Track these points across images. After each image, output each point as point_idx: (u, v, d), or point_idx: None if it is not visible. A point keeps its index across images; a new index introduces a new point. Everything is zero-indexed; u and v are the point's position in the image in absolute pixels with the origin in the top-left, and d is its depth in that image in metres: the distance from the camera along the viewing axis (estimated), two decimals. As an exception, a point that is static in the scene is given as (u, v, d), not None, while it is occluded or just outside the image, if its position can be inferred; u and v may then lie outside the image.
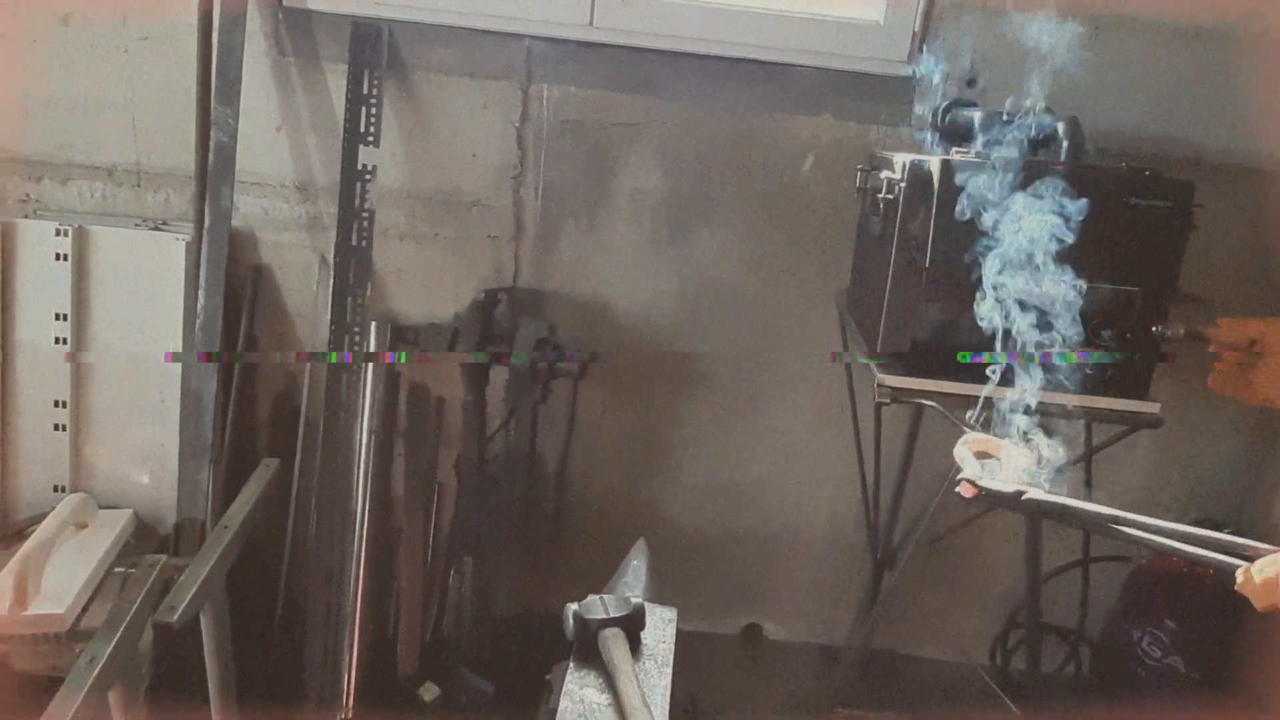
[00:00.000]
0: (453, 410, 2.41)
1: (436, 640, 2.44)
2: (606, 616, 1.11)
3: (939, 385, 1.60)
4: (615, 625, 1.10)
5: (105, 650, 1.20)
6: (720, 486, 2.49)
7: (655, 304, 2.32)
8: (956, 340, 1.62)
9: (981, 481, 1.08)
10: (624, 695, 0.99)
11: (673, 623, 1.20)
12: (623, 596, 1.14)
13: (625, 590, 1.23)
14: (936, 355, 1.62)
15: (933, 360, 1.62)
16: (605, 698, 1.03)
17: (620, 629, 1.10)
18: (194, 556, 1.42)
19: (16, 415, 2.18)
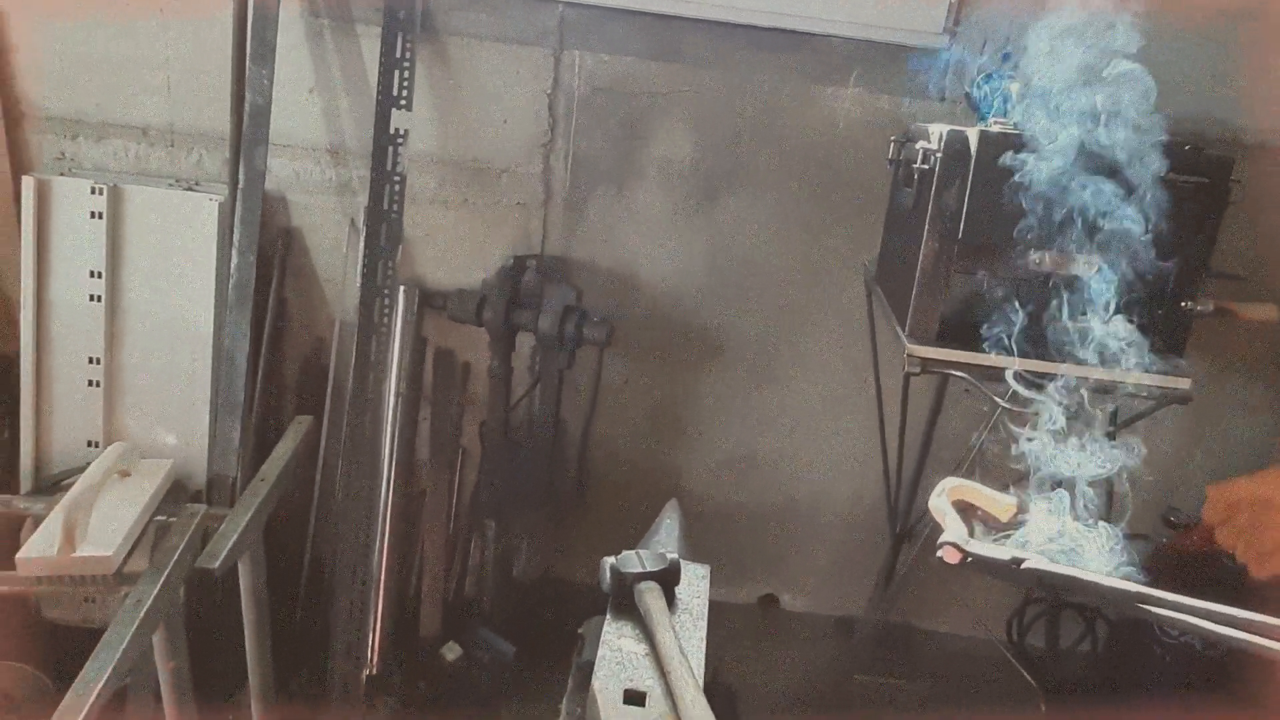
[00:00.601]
0: (478, 376, 2.43)
1: (458, 601, 2.49)
2: (643, 570, 1.12)
3: (970, 356, 1.60)
4: (651, 579, 1.12)
5: (150, 593, 1.23)
6: (741, 457, 2.51)
7: (682, 273, 2.33)
8: (989, 312, 1.62)
9: (969, 546, 0.91)
10: (661, 645, 1.01)
11: (706, 579, 1.22)
12: (658, 552, 1.16)
13: (658, 548, 1.25)
14: (968, 326, 1.63)
15: (964, 331, 1.63)
16: (642, 648, 1.05)
17: (656, 583, 1.12)
18: (232, 507, 1.45)
19: (51, 371, 2.22)
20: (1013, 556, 0.89)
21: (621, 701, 0.96)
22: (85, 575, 1.23)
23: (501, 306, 2.23)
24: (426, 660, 2.31)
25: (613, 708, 0.95)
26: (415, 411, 2.39)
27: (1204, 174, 1.57)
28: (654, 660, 1.03)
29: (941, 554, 0.92)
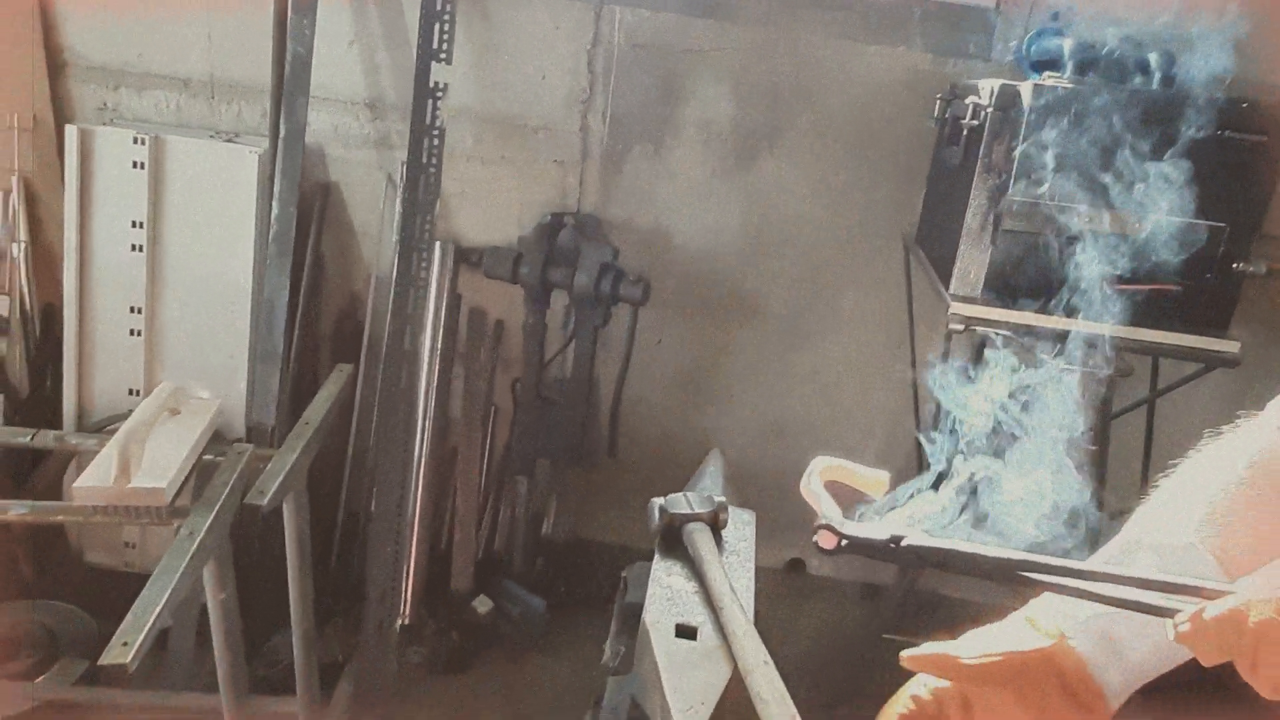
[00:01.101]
0: (511, 334, 2.44)
1: (488, 557, 2.51)
2: (691, 511, 1.13)
3: (1014, 315, 1.59)
4: (700, 520, 1.13)
5: (203, 526, 1.25)
6: (772, 419, 2.51)
7: (718, 233, 2.32)
8: (1035, 270, 1.60)
9: (846, 529, 0.86)
10: (712, 583, 1.02)
11: (751, 524, 1.23)
12: (705, 494, 1.17)
13: (703, 493, 1.26)
14: (1013, 285, 1.61)
15: (1009, 290, 1.61)
16: (691, 585, 1.06)
17: (704, 524, 1.13)
18: (278, 449, 1.47)
19: (94, 320, 2.24)
20: (890, 535, 0.84)
21: (674, 635, 0.97)
22: (138, 507, 1.26)
23: (538, 263, 2.23)
24: (458, 612, 2.34)
25: (665, 641, 0.96)
26: (449, 368, 2.40)
27: (1261, 131, 1.54)
28: (704, 598, 1.04)
29: (816, 539, 0.85)
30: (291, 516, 1.51)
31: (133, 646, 1.06)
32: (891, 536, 0.84)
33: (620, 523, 2.60)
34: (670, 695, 0.90)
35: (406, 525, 2.20)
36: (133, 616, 1.09)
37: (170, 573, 1.17)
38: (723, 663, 0.94)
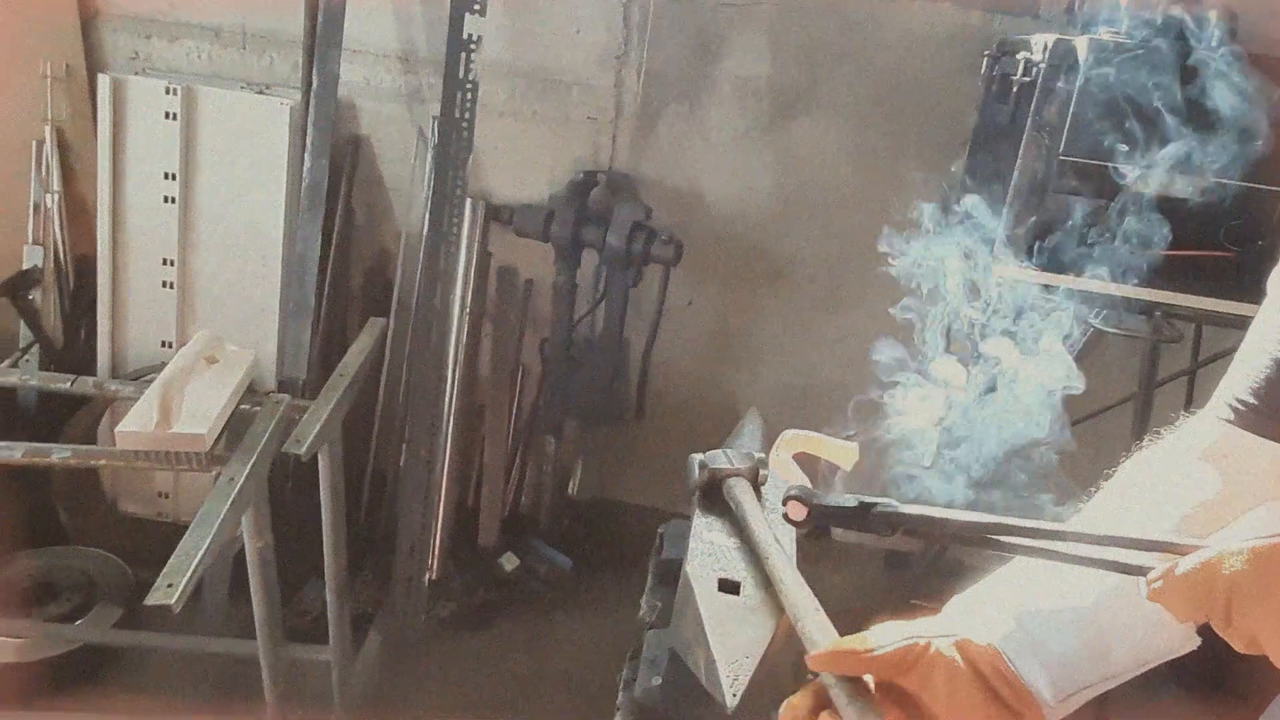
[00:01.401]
0: (540, 293, 2.43)
1: (514, 515, 2.53)
2: (732, 466, 1.12)
3: (1061, 279, 1.56)
4: (740, 475, 1.12)
5: (243, 472, 1.26)
6: (800, 384, 2.49)
7: (752, 194, 2.29)
8: (1083, 232, 1.56)
9: (815, 499, 0.84)
10: (756, 534, 1.01)
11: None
12: (745, 451, 1.15)
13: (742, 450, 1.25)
14: (1060, 248, 1.57)
15: (1056, 253, 1.58)
16: (732, 541, 1.05)
17: (745, 479, 1.12)
18: (314, 400, 1.48)
19: (127, 272, 2.25)
20: (860, 502, 0.84)
21: (716, 590, 0.97)
22: (179, 453, 1.26)
23: (569, 221, 2.21)
24: (485, 569, 2.36)
25: (708, 595, 0.96)
26: (478, 327, 2.40)
27: (1327, 92, 1.48)
28: (745, 553, 1.03)
29: (785, 510, 0.85)
30: (326, 467, 1.51)
31: (178, 588, 1.06)
32: (861, 503, 0.83)
33: (647, 484, 2.60)
34: (716, 649, 0.90)
35: (435, 481, 2.21)
36: (176, 559, 1.10)
37: (212, 518, 1.18)
38: (766, 617, 0.94)
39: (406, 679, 2.07)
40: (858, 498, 0.86)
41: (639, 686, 1.05)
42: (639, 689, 1.05)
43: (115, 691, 1.88)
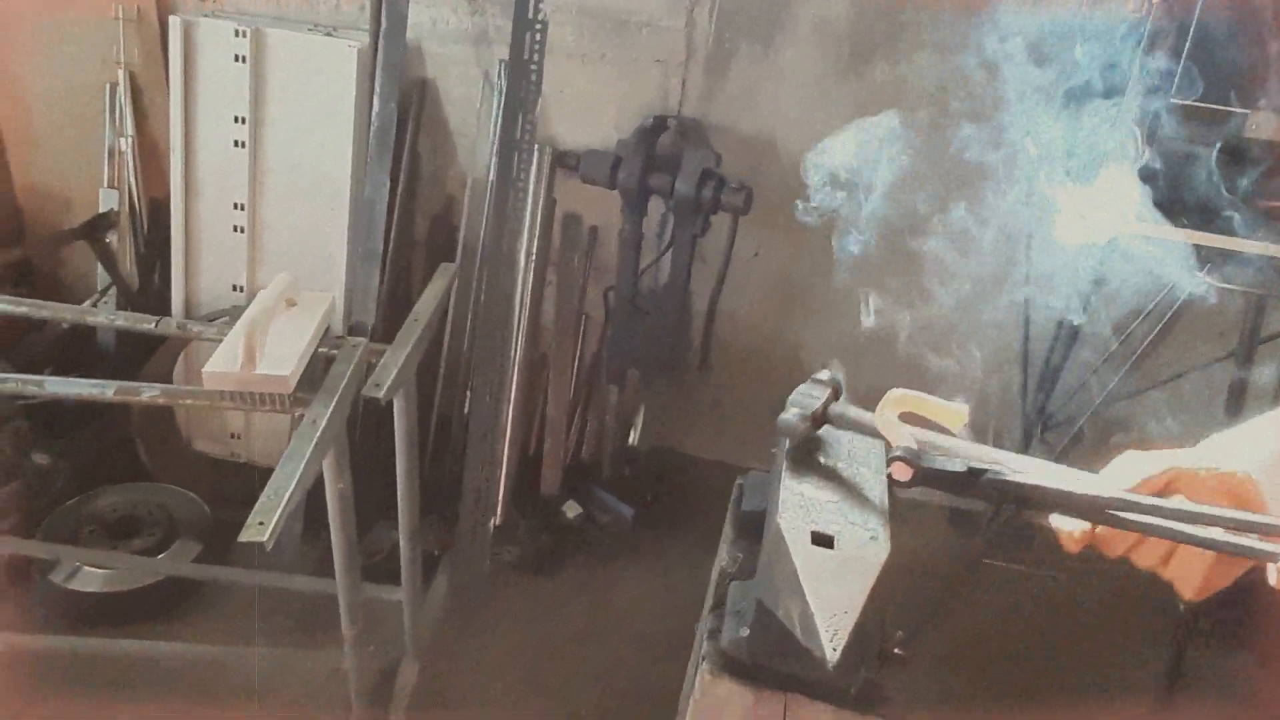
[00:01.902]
0: (605, 242, 2.40)
1: (576, 464, 2.54)
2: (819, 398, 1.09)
3: (1163, 230, 1.48)
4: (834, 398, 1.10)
5: (325, 414, 1.27)
6: (868, 340, 2.43)
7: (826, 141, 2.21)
8: (1190, 181, 1.48)
9: (923, 461, 0.82)
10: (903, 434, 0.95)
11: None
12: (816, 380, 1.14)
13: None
14: (1163, 198, 1.49)
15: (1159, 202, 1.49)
16: (825, 494, 1.03)
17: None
18: (390, 344, 1.48)
19: (198, 215, 2.28)
20: (969, 468, 0.82)
21: (810, 543, 0.95)
22: (263, 394, 1.27)
23: (636, 168, 2.16)
24: (548, 516, 2.38)
25: (803, 548, 0.94)
26: (543, 275, 2.38)
27: None
28: (843, 507, 1.01)
29: (890, 471, 0.85)
30: (402, 411, 1.52)
31: (269, 525, 1.08)
32: (970, 469, 0.82)
33: (709, 436, 2.59)
34: (814, 602, 0.88)
35: (500, 429, 2.22)
36: (267, 498, 1.12)
37: (298, 457, 1.19)
38: (862, 572, 0.92)
39: (472, 621, 2.11)
40: (967, 462, 0.85)
41: (726, 637, 1.04)
42: (726, 639, 1.04)
43: (196, 623, 1.94)
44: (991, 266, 2.23)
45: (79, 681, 1.77)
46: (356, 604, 1.53)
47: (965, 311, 2.36)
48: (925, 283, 2.34)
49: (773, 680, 1.01)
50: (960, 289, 2.32)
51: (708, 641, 1.05)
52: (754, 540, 1.20)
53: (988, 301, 2.32)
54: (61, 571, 1.95)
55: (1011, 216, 2.20)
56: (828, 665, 0.83)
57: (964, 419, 0.94)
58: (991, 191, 2.16)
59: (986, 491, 0.83)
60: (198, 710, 1.77)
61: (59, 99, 2.38)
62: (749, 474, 1.33)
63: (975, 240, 2.19)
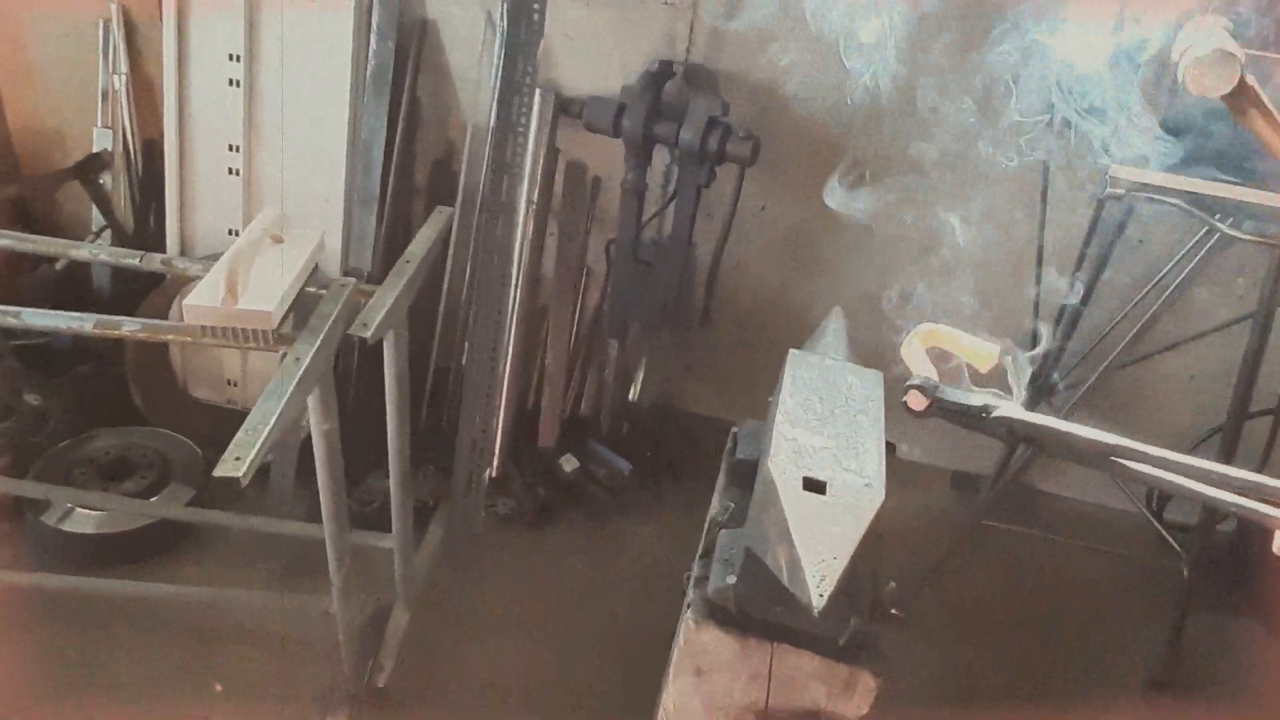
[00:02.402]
0: (608, 193, 2.34)
1: (575, 418, 2.51)
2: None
3: (1184, 181, 1.41)
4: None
5: (309, 352, 1.23)
6: (875, 298, 2.38)
7: (837, 90, 2.14)
8: (1213, 129, 1.41)
9: (939, 392, 0.83)
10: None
11: (879, 385, 1.14)
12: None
13: (826, 351, 1.18)
14: (1190, 147, 1.43)
15: (1186, 153, 1.43)
16: (819, 440, 1.00)
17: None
18: (380, 285, 1.44)
19: (193, 157, 2.23)
20: (984, 404, 0.81)
21: (801, 488, 0.91)
22: (246, 330, 1.24)
23: (641, 115, 2.10)
24: (544, 470, 2.35)
25: (793, 493, 0.90)
26: (544, 225, 2.33)
27: None
28: (844, 446, 0.97)
29: (906, 399, 0.84)
30: (391, 353, 1.49)
31: (245, 461, 1.05)
32: (984, 405, 0.82)
33: (709, 393, 2.55)
34: (801, 548, 0.85)
35: (497, 380, 2.19)
36: (244, 434, 1.09)
37: (278, 395, 1.16)
38: (855, 517, 0.88)
39: (465, 571, 2.10)
40: (982, 398, 0.84)
41: (712, 585, 1.01)
42: (712, 587, 1.01)
43: (188, 566, 1.94)
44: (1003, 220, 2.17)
45: (70, 621, 1.77)
46: (344, 549, 1.52)
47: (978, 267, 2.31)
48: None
49: (759, 629, 0.99)
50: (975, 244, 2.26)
51: (693, 589, 1.03)
52: (746, 489, 1.17)
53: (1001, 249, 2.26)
54: (54, 513, 1.94)
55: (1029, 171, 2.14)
56: (813, 612, 0.80)
57: (994, 359, 0.93)
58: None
59: (996, 429, 0.83)
60: (188, 648, 1.77)
61: (52, 36, 2.33)
62: (744, 423, 1.30)
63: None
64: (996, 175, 2.16)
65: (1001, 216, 2.20)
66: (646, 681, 1.50)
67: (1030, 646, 2.11)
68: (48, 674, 1.68)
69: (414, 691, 1.79)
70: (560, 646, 1.96)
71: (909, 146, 2.17)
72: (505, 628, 1.98)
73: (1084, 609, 2.20)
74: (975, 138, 2.06)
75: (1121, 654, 2.10)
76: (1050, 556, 2.19)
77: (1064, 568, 2.24)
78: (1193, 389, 2.33)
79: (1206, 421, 2.29)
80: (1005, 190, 2.18)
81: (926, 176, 2.19)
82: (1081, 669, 2.09)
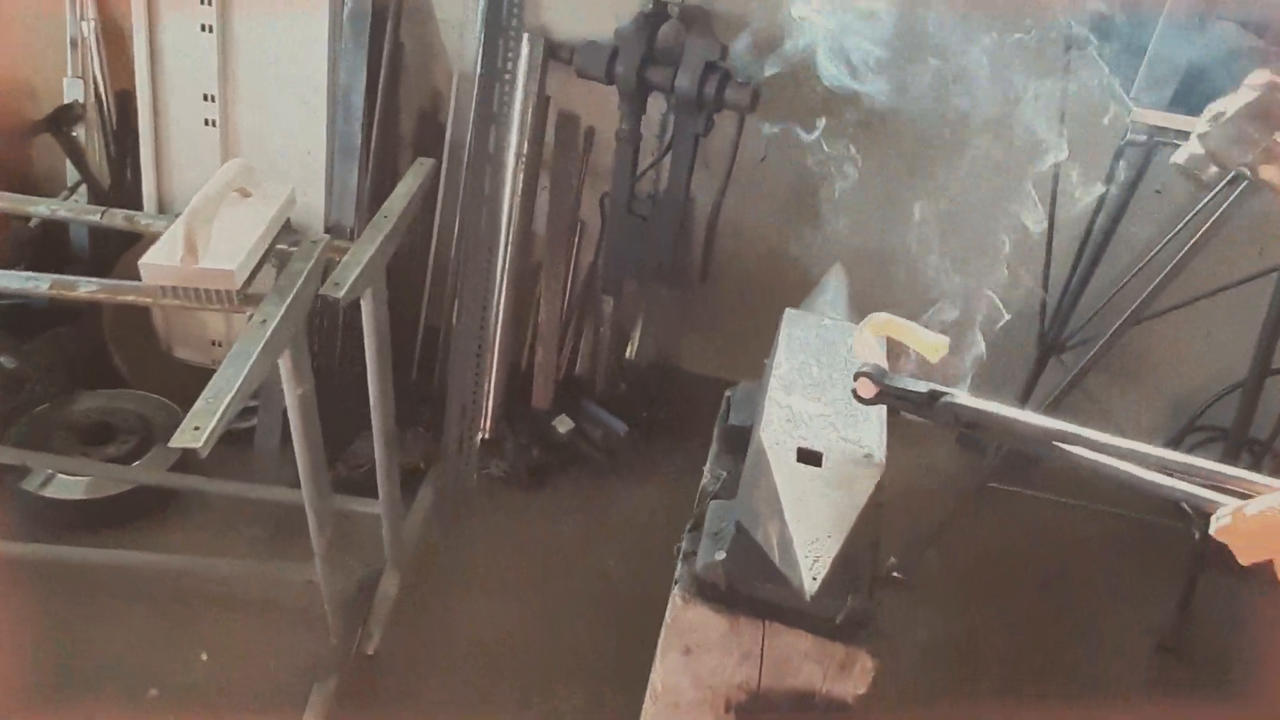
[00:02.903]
0: (602, 144, 2.24)
1: (569, 378, 2.44)
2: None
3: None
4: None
5: (277, 314, 1.16)
6: (878, 253, 2.29)
7: (844, 31, 2.02)
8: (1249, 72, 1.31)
9: (886, 380, 0.83)
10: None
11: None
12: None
13: (825, 309, 1.10)
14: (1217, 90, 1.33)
15: (1208, 96, 1.33)
16: (816, 408, 0.92)
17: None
18: (355, 241, 1.36)
19: (167, 107, 2.13)
20: (930, 389, 0.82)
21: (795, 460, 0.85)
22: (209, 290, 1.17)
23: (635, 60, 1.99)
24: (539, 431, 2.29)
25: (786, 465, 0.84)
26: (535, 178, 2.24)
27: None
28: (842, 413, 0.90)
29: (855, 386, 0.84)
30: (370, 312, 1.41)
31: (205, 430, 0.99)
32: (931, 391, 0.82)
33: (708, 351, 2.48)
34: (793, 524, 0.78)
35: (488, 340, 2.12)
36: (204, 401, 1.02)
37: (243, 359, 1.09)
38: (852, 492, 0.82)
39: (457, 535, 2.05)
40: (929, 385, 0.84)
41: (700, 560, 0.95)
42: (700, 563, 0.95)
43: (172, 532, 1.89)
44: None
45: (53, 589, 1.73)
46: (325, 515, 1.46)
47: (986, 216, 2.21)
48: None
49: (750, 606, 0.93)
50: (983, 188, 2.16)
51: (682, 564, 0.97)
52: (740, 457, 1.10)
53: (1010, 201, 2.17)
54: (35, 478, 1.89)
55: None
56: (804, 596, 0.74)
57: (943, 350, 0.94)
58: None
59: (943, 415, 0.83)
60: (173, 617, 1.73)
61: (17, -21, 2.22)
62: (738, 386, 1.23)
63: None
64: (1004, 124, 2.06)
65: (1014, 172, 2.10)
66: (640, 646, 1.46)
67: (1036, 610, 2.07)
68: (30, 644, 1.65)
69: (405, 659, 1.75)
70: (553, 610, 1.92)
71: (915, 94, 2.06)
72: (498, 592, 1.94)
73: (1092, 572, 2.16)
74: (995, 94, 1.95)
75: (1130, 618, 2.05)
76: (1058, 519, 2.13)
77: (1072, 530, 2.19)
78: (1209, 346, 2.25)
79: (1222, 379, 2.22)
80: (1015, 141, 2.08)
81: (934, 128, 2.09)
82: (1089, 633, 2.05)
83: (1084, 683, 1.94)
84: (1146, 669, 1.97)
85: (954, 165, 2.12)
